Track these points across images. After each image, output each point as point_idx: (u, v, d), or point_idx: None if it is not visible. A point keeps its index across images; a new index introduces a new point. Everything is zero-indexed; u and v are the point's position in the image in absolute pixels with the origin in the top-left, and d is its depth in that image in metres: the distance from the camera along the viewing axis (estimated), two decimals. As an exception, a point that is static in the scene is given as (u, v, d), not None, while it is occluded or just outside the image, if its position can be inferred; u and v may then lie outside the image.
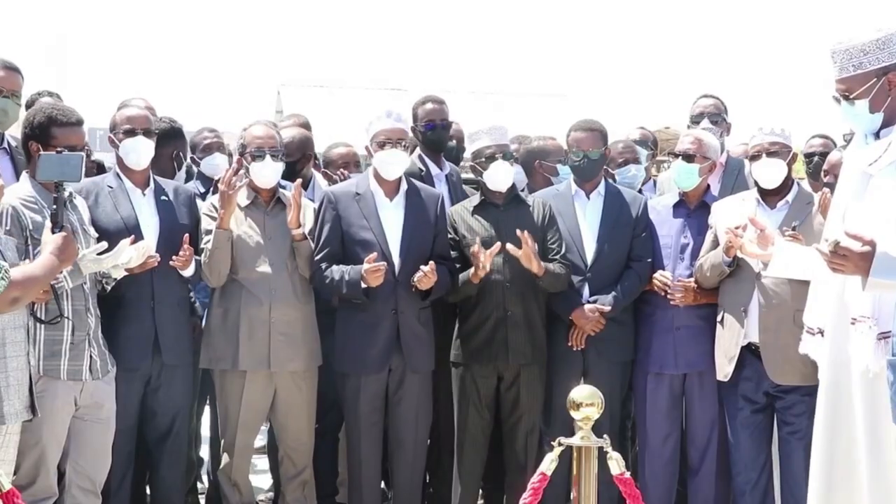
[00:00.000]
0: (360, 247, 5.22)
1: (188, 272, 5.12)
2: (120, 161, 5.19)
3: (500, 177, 5.36)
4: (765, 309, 5.02)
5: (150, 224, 5.10)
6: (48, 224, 3.73)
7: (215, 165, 6.11)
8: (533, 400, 5.37)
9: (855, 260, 3.53)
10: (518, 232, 5.14)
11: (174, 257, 5.01)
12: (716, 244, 5.20)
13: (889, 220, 3.64)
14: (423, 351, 5.32)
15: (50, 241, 3.60)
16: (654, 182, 6.65)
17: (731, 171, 5.74)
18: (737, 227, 4.98)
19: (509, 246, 5.11)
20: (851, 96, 3.89)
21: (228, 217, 5.15)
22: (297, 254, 5.24)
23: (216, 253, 5.13)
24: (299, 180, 5.43)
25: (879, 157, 3.78)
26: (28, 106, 6.01)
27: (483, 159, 5.36)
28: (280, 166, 5.34)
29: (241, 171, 5.26)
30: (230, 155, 6.21)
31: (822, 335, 4.01)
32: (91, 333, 4.62)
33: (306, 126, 6.38)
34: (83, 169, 4.00)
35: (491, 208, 5.39)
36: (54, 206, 3.78)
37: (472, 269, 5.20)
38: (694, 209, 5.45)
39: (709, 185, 5.53)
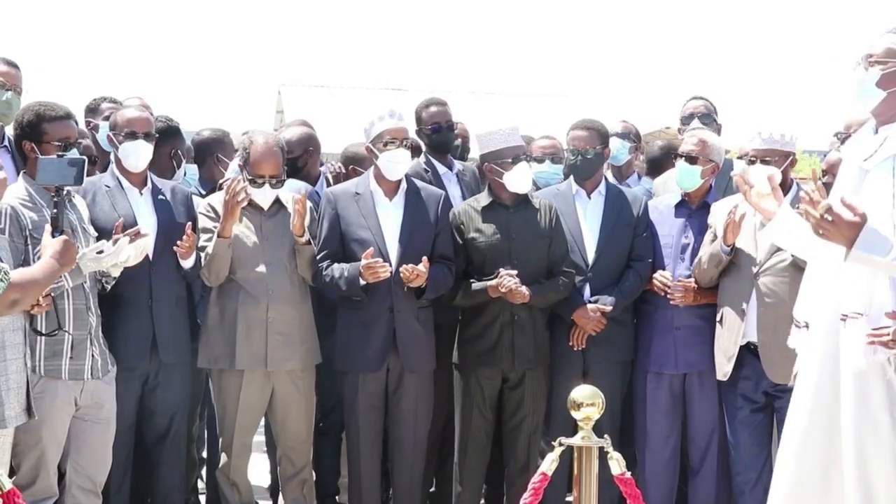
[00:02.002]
0: (357, 245, 5.22)
1: (188, 263, 5.12)
2: (118, 161, 5.20)
3: (523, 179, 5.36)
4: (763, 309, 5.02)
5: (148, 223, 5.09)
6: (48, 228, 3.72)
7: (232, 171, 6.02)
8: (537, 402, 5.37)
9: (842, 227, 3.53)
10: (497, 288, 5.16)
11: (178, 242, 5.01)
12: (715, 244, 5.20)
13: (881, 212, 3.65)
14: (422, 351, 5.32)
15: (50, 244, 3.59)
16: (638, 174, 6.70)
17: (724, 172, 5.74)
18: (734, 208, 4.99)
19: (511, 286, 5.15)
20: (872, 59, 3.88)
21: (230, 226, 5.14)
22: (299, 257, 5.24)
23: (215, 259, 5.13)
24: (305, 192, 5.39)
25: (875, 152, 3.80)
26: (90, 110, 6.02)
27: (508, 161, 5.33)
28: (278, 190, 5.32)
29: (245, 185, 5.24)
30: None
31: (808, 328, 4.00)
32: (92, 332, 4.63)
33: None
34: (84, 173, 4.00)
35: (500, 209, 5.38)
36: (55, 210, 3.78)
37: (490, 282, 5.20)
38: (695, 209, 5.45)
39: (711, 186, 5.53)
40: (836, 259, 3.70)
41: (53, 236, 3.66)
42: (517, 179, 5.34)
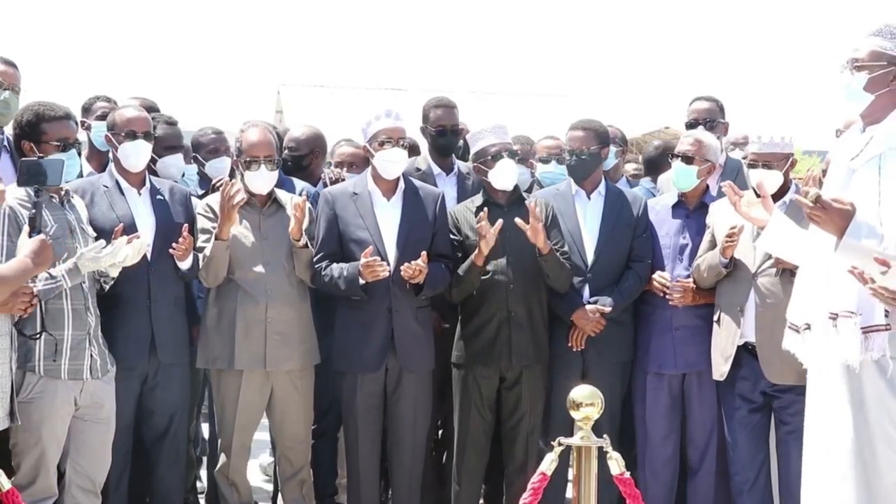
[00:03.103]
0: (356, 245, 5.23)
1: (185, 264, 5.12)
2: (117, 161, 5.19)
3: (507, 175, 5.36)
4: (761, 309, 5.03)
5: (147, 223, 5.10)
6: (26, 228, 3.72)
7: (223, 168, 6.08)
8: (535, 401, 5.37)
9: (833, 215, 3.61)
10: (528, 203, 5.13)
11: (174, 245, 5.01)
12: (713, 244, 5.21)
13: (868, 210, 3.68)
14: (420, 351, 5.32)
15: (27, 244, 3.59)
16: (627, 179, 6.71)
17: (729, 172, 5.75)
18: (733, 228, 5.00)
19: (518, 221, 5.11)
20: (857, 64, 3.90)
21: (227, 229, 5.14)
22: (297, 259, 5.24)
23: (213, 261, 5.14)
24: (304, 196, 5.38)
25: (861, 152, 3.83)
26: (85, 110, 6.02)
27: (489, 158, 5.36)
28: (275, 174, 5.33)
29: (238, 178, 5.27)
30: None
31: (809, 330, 4.02)
32: (91, 332, 4.62)
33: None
34: (63, 173, 3.99)
35: (494, 208, 5.38)
36: (33, 211, 3.78)
37: (473, 255, 5.19)
38: (693, 210, 5.46)
39: (708, 186, 5.54)
40: (828, 261, 3.73)
41: (31, 236, 3.65)
42: (500, 176, 5.34)
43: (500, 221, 5.13)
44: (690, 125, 6.37)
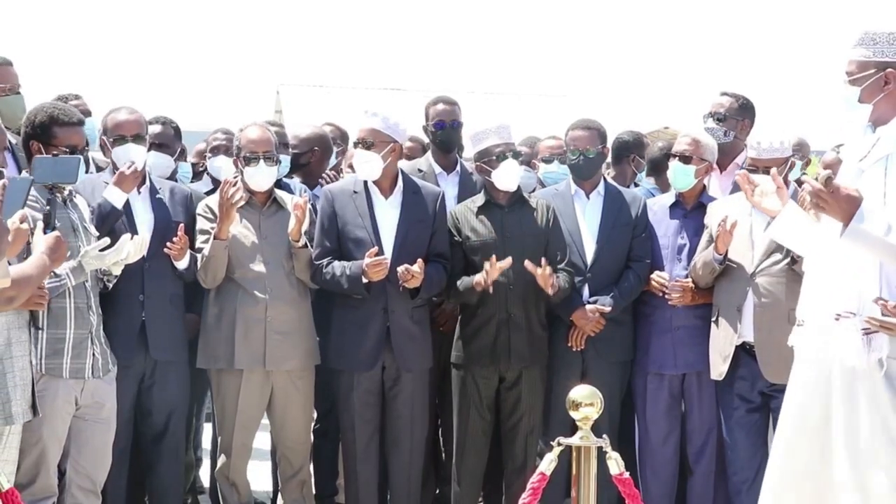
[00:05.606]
0: (353, 244, 5.23)
1: (182, 264, 5.12)
2: (114, 162, 5.21)
3: (510, 176, 5.35)
4: (759, 308, 5.04)
5: (145, 221, 5.13)
6: (40, 225, 3.74)
7: (218, 168, 6.11)
8: (534, 401, 5.37)
9: (841, 200, 3.61)
10: (536, 267, 5.12)
11: (168, 244, 5.02)
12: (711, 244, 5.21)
13: (874, 209, 3.70)
14: (417, 350, 5.32)
15: (42, 240, 3.61)
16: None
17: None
18: (724, 219, 5.01)
19: (528, 264, 5.11)
20: (850, 79, 3.92)
21: (226, 228, 5.15)
22: (296, 259, 5.24)
23: (212, 261, 5.14)
24: (306, 197, 5.37)
25: (869, 153, 3.85)
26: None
27: (493, 158, 5.35)
28: (274, 170, 5.34)
29: (237, 177, 5.28)
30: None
31: (803, 326, 4.04)
32: (93, 331, 4.62)
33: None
34: (79, 171, 3.99)
35: (495, 209, 5.38)
36: (48, 208, 3.80)
37: (475, 277, 5.19)
38: (690, 209, 5.46)
39: (705, 186, 5.54)
40: (834, 253, 3.74)
41: (45, 233, 3.67)
42: (503, 177, 5.33)
43: (509, 260, 5.11)
44: (705, 118, 6.28)
